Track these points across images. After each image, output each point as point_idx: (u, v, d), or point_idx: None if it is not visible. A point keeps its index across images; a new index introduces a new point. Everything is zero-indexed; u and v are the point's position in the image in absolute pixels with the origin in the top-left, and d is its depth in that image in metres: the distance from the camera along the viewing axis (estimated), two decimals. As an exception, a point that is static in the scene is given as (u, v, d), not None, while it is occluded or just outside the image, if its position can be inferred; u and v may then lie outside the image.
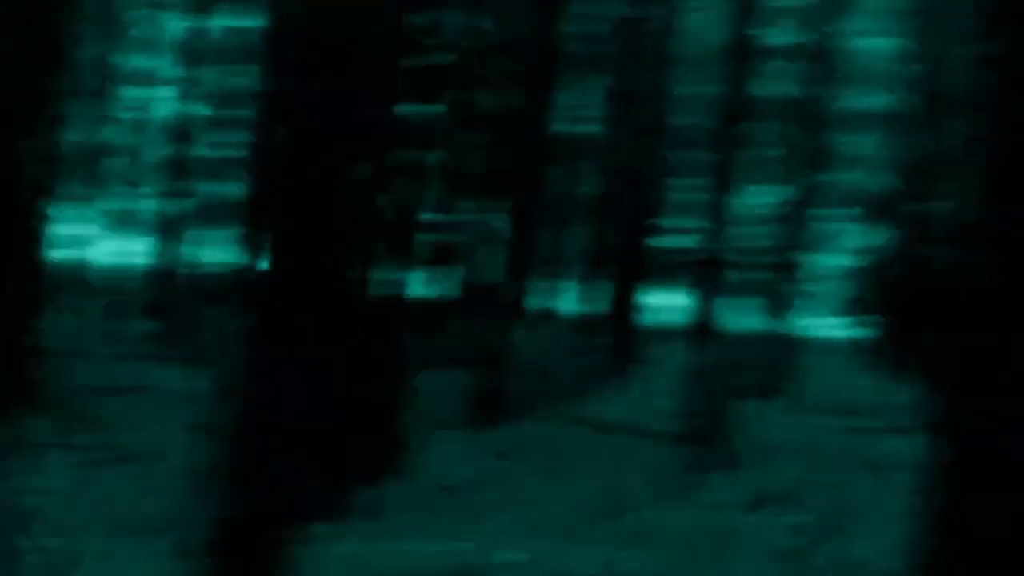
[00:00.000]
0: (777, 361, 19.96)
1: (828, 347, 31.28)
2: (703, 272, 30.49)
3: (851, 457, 13.94)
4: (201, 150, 20.94)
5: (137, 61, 23.80)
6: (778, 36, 32.26)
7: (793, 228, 20.50)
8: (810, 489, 11.41)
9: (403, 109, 10.92)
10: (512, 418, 15.52)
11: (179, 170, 21.00)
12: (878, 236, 36.33)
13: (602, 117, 17.52)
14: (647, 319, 25.73)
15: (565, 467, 12.45)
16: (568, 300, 17.89)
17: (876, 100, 34.19)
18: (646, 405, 17.85)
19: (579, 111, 21.35)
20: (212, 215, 20.72)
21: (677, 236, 37.65)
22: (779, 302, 20.52)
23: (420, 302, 12.01)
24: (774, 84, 32.02)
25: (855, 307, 40.16)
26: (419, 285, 11.20)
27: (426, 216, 11.04)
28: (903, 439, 15.93)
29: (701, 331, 14.71)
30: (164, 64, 23.38)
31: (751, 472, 12.36)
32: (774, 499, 10.57)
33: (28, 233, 11.95)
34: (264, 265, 6.60)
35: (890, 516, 10.33)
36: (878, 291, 32.70)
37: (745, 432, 15.02)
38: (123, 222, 24.27)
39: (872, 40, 33.27)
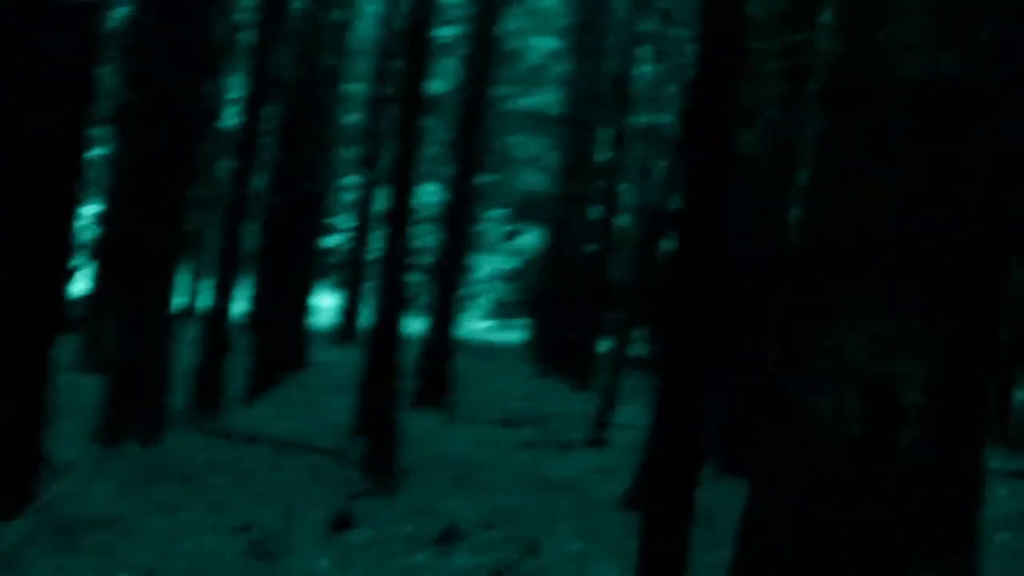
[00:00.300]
0: (440, 368, 18.98)
1: (490, 351, 30.58)
2: (360, 273, 29.40)
3: (526, 475, 12.99)
4: None
5: None
6: (441, 31, 31.50)
7: (453, 229, 19.53)
8: (493, 516, 10.36)
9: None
10: (160, 433, 13.95)
11: None
12: (537, 238, 35.91)
13: (256, 112, 16.09)
14: (308, 322, 24.40)
15: (215, 492, 11.08)
16: (227, 301, 16.39)
17: (537, 100, 33.79)
18: (308, 417, 16.56)
19: (236, 105, 19.89)
20: None
21: (336, 236, 36.46)
22: (440, 305, 19.54)
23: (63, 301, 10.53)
24: (436, 82, 31.24)
25: (515, 310, 39.73)
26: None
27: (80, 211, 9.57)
28: (576, 452, 15.14)
29: (362, 336, 13.52)
30: None
31: (423, 496, 11.24)
32: (455, 531, 9.45)
33: None
34: None
35: (585, 549, 9.38)
36: (536, 294, 32.28)
37: (413, 448, 13.90)
38: None
39: (535, 39, 32.87)
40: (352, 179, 31.62)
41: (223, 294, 16.18)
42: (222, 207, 17.53)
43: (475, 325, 38.06)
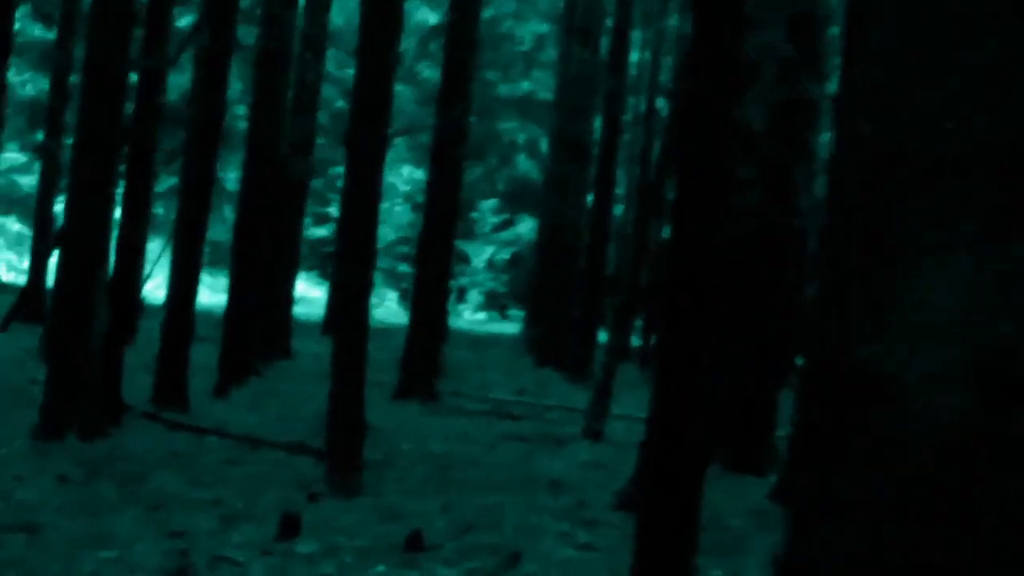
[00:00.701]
0: (427, 357, 17.33)
1: (483, 342, 28.92)
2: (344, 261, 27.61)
3: (514, 472, 11.34)
4: None
5: None
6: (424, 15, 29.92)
7: (437, 210, 17.83)
8: (471, 519, 8.71)
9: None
10: (115, 424, 12.33)
11: None
12: (530, 226, 34.09)
13: (217, 81, 14.35)
14: (293, 311, 22.80)
15: (157, 493, 9.45)
16: (191, 284, 14.73)
17: (529, 85, 32.10)
18: (281, 409, 14.93)
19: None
20: None
21: (319, 225, 34.81)
22: (425, 291, 17.87)
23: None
24: (428, 68, 29.65)
25: (509, 300, 37.94)
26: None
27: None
28: (570, 446, 13.49)
29: (343, 323, 11.77)
30: None
31: (393, 496, 9.59)
32: (423, 538, 7.79)
33: None
34: None
35: (575, 557, 7.73)
36: (530, 283, 30.61)
37: (389, 442, 12.29)
38: None
39: (526, 24, 31.17)
40: (339, 168, 29.98)
41: (187, 277, 14.54)
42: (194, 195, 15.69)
43: (469, 316, 36.41)
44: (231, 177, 25.29)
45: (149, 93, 12.10)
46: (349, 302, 10.55)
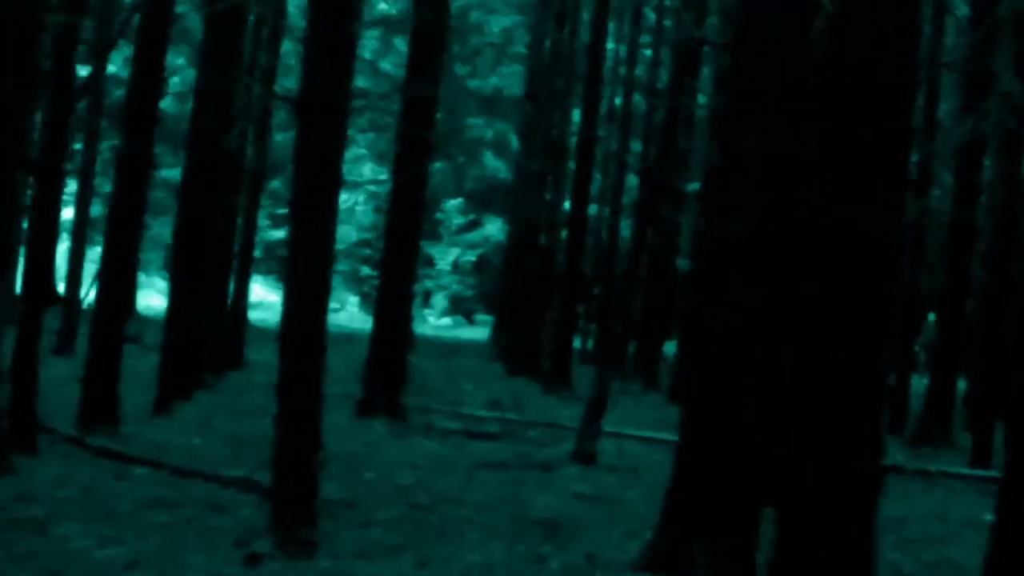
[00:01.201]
0: (392, 369, 15.08)
1: (450, 349, 26.71)
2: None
3: (502, 511, 9.14)
4: None
5: None
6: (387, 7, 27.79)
7: (402, 209, 15.59)
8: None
9: None
10: (30, 453, 10.10)
11: None
12: (499, 227, 31.85)
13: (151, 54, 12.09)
14: (246, 317, 20.56)
15: (51, 551, 7.21)
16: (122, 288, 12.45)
17: (495, 81, 29.93)
18: (228, 430, 12.68)
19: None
20: None
21: (277, 228, 32.45)
22: (389, 296, 15.61)
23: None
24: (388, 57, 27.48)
25: (477, 304, 35.72)
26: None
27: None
28: (561, 473, 11.33)
29: (298, 334, 9.47)
30: None
31: (356, 556, 7.36)
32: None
33: None
34: None
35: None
36: (500, 287, 28.46)
37: (352, 471, 10.10)
38: None
39: (494, 15, 28.98)
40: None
41: (118, 278, 12.25)
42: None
43: (434, 321, 34.19)
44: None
45: (63, 55, 9.81)
46: (299, 315, 8.30)
